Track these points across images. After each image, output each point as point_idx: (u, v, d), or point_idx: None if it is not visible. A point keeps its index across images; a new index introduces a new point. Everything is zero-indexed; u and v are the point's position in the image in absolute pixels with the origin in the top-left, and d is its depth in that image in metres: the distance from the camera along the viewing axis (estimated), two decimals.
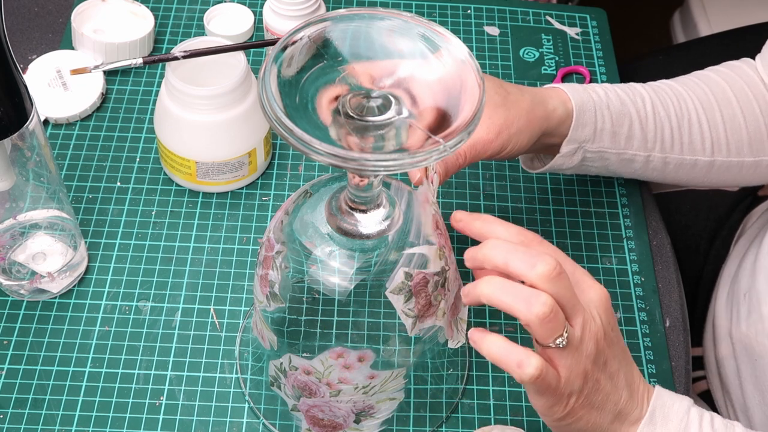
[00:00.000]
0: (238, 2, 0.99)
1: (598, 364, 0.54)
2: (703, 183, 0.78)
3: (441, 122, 0.51)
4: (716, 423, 0.57)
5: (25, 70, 0.90)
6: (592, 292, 0.55)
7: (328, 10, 0.96)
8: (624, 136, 0.72)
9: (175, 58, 0.78)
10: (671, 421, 0.56)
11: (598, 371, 0.54)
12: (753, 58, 0.81)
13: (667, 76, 0.79)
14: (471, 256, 0.54)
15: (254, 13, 0.97)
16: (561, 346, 0.51)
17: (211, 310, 0.76)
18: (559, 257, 0.54)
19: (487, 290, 0.52)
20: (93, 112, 0.89)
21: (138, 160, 0.86)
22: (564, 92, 0.71)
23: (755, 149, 0.76)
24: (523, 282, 0.52)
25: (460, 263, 0.62)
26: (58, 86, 0.88)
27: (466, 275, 0.70)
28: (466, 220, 0.56)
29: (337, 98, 0.51)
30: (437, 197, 0.61)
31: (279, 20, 0.91)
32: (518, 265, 0.51)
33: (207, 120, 0.77)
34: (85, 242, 0.79)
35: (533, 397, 0.54)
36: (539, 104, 0.69)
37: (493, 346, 0.52)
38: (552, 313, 0.50)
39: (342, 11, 0.54)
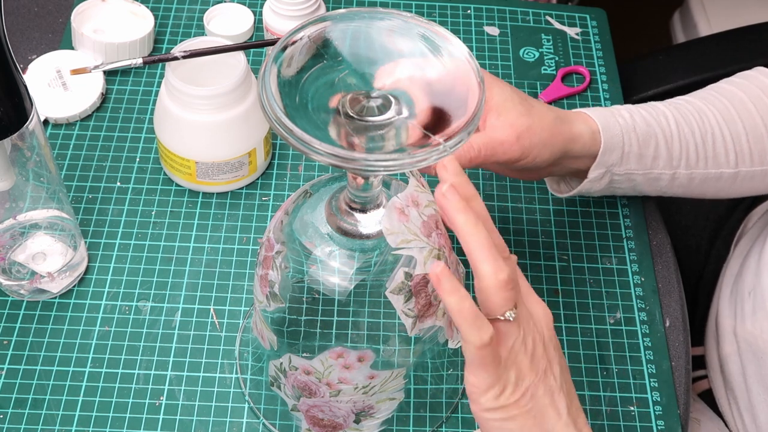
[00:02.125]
0: (238, 2, 0.99)
1: (534, 367, 0.54)
2: (728, 194, 0.79)
3: (441, 122, 0.51)
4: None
5: (25, 70, 0.90)
6: (538, 308, 0.56)
7: (328, 10, 0.96)
8: (651, 156, 0.73)
9: (175, 58, 0.78)
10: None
11: (534, 375, 0.54)
12: (753, 58, 0.81)
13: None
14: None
15: (254, 13, 0.97)
16: (511, 318, 0.52)
17: (211, 310, 0.76)
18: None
19: (464, 234, 0.52)
20: (93, 112, 0.89)
21: (138, 160, 0.86)
22: (590, 117, 0.72)
23: None
24: None
25: (463, 263, 0.62)
26: (58, 86, 0.88)
27: (468, 275, 0.70)
28: (450, 204, 0.53)
29: (337, 98, 0.51)
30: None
31: (279, 20, 0.91)
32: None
33: (207, 120, 0.77)
34: (85, 242, 0.79)
35: (472, 371, 0.53)
36: (564, 124, 0.70)
37: (459, 302, 0.51)
38: (511, 282, 0.51)
39: (342, 11, 0.54)
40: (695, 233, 0.98)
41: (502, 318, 0.52)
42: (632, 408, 0.73)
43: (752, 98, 0.76)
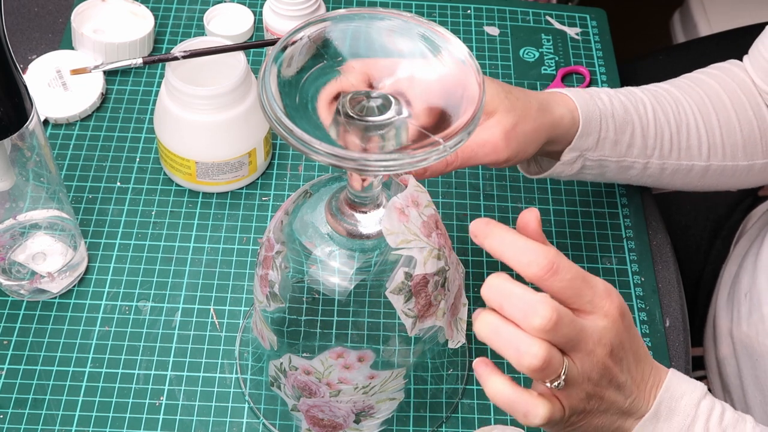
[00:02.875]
0: (238, 2, 0.99)
1: (601, 385, 0.52)
2: (696, 187, 0.78)
3: (441, 122, 0.51)
4: (726, 418, 0.55)
5: (25, 70, 0.90)
6: (602, 320, 0.51)
7: (328, 10, 0.96)
8: (626, 144, 0.72)
9: (175, 58, 0.78)
10: (677, 414, 0.54)
11: (602, 389, 0.53)
12: None
13: (667, 76, 0.79)
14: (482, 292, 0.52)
15: (254, 13, 0.97)
16: (559, 387, 0.50)
17: (211, 310, 0.76)
18: (573, 274, 0.50)
19: (480, 331, 0.50)
20: (93, 112, 0.89)
21: (138, 160, 0.86)
22: (570, 99, 0.70)
23: (749, 152, 0.76)
24: None
25: (462, 263, 0.62)
26: (58, 86, 0.88)
27: (468, 275, 0.70)
28: (480, 236, 0.52)
29: (337, 98, 0.51)
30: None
31: (279, 20, 0.91)
32: (513, 313, 0.49)
33: (207, 120, 0.77)
34: (85, 242, 0.79)
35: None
36: (547, 111, 0.68)
37: (497, 393, 0.50)
38: (543, 365, 0.48)
39: (342, 11, 0.54)
40: (695, 233, 0.98)
41: (549, 386, 0.50)
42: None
43: (728, 92, 0.76)
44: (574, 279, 0.50)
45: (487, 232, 0.51)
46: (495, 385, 0.50)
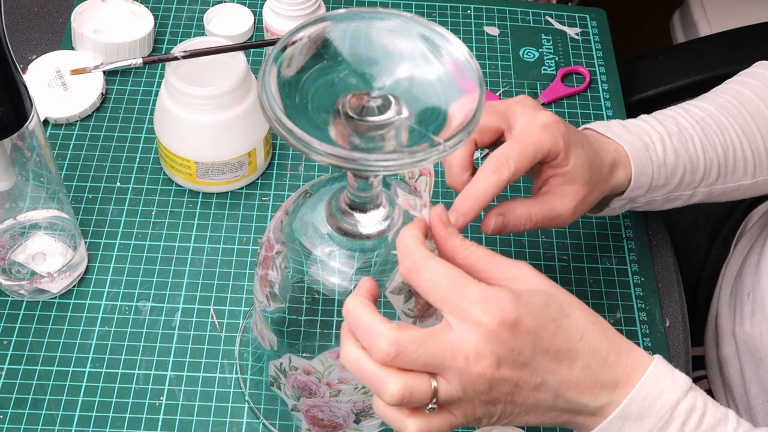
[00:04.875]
0: (238, 2, 0.99)
1: (501, 393, 0.50)
2: (739, 198, 0.79)
3: (441, 122, 0.51)
4: (706, 420, 0.52)
5: (25, 70, 0.90)
6: (470, 331, 0.49)
7: (328, 10, 0.96)
8: (674, 185, 0.73)
9: (175, 58, 0.78)
10: (649, 415, 0.52)
11: (505, 396, 0.50)
12: (753, 58, 0.81)
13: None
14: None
15: (254, 13, 0.97)
16: (432, 411, 0.49)
17: (211, 310, 0.76)
18: (438, 276, 0.49)
19: (344, 362, 0.50)
20: (93, 112, 0.89)
21: (138, 160, 0.86)
22: (628, 159, 0.70)
23: None
24: None
25: None
26: (58, 86, 0.88)
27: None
28: (436, 231, 0.53)
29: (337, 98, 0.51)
30: (431, 197, 0.61)
31: (279, 20, 0.91)
32: (363, 343, 0.49)
33: (207, 120, 0.77)
34: (85, 242, 0.79)
35: None
36: (609, 180, 0.69)
37: (376, 408, 0.51)
38: (403, 397, 0.47)
39: (342, 11, 0.54)
40: (695, 233, 0.98)
41: (427, 412, 0.49)
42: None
43: (766, 102, 0.76)
44: (437, 281, 0.49)
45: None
46: (374, 402, 0.51)
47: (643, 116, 0.75)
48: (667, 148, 0.72)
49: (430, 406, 0.49)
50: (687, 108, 0.76)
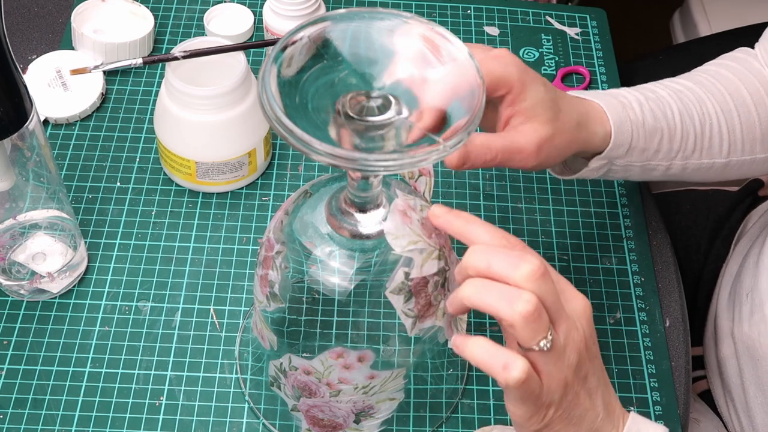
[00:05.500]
0: (238, 2, 0.99)
1: (578, 376, 0.52)
2: (714, 180, 0.78)
3: (441, 122, 0.51)
4: None
5: (25, 70, 0.90)
6: (576, 302, 0.53)
7: (328, 10, 0.96)
8: (653, 150, 0.72)
9: (175, 58, 0.78)
10: None
11: (578, 384, 0.53)
12: None
13: (667, 76, 0.79)
14: (457, 270, 0.53)
15: (254, 13, 0.97)
16: (546, 348, 0.50)
17: (211, 310, 0.76)
18: (558, 277, 0.53)
19: (468, 292, 0.50)
20: (93, 112, 0.89)
21: (138, 160, 0.86)
22: (605, 115, 0.70)
23: (766, 145, 0.76)
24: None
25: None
26: (58, 86, 0.88)
27: None
28: (444, 218, 0.54)
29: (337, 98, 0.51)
30: (431, 197, 0.61)
31: (279, 20, 0.91)
32: (501, 266, 0.50)
33: (207, 120, 0.77)
34: (85, 242, 0.79)
35: (514, 404, 0.53)
36: (584, 127, 0.68)
37: (477, 348, 0.51)
38: (536, 312, 0.49)
39: (342, 11, 0.54)
40: (695, 233, 0.98)
41: (536, 348, 0.50)
42: (632, 408, 0.73)
43: (747, 86, 0.76)
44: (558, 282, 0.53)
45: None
46: (476, 343, 0.51)
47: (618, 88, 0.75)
48: (645, 110, 0.71)
49: (545, 341, 0.50)
50: (664, 82, 0.76)
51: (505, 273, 0.50)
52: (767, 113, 0.75)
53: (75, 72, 0.85)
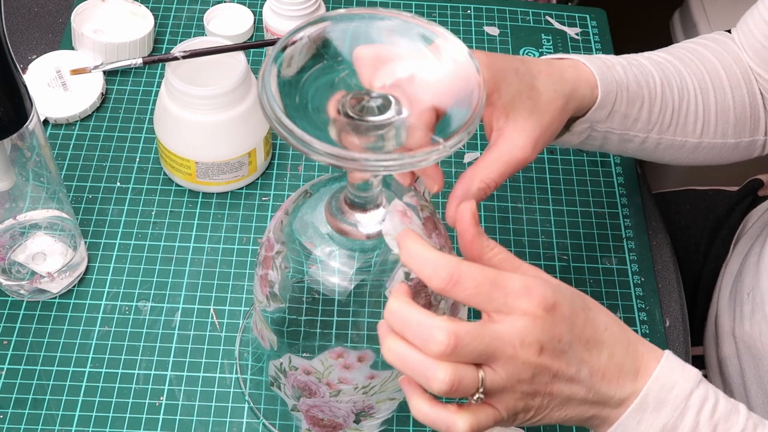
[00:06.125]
0: (238, 2, 0.99)
1: (541, 383, 0.51)
2: (683, 162, 0.77)
3: (441, 122, 0.51)
4: (719, 410, 0.54)
5: (25, 70, 0.90)
6: (519, 321, 0.50)
7: (328, 10, 0.96)
8: (633, 118, 0.71)
9: (175, 58, 0.78)
10: (666, 406, 0.53)
11: (545, 387, 0.51)
12: None
13: None
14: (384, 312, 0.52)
15: (254, 13, 0.97)
16: (480, 400, 0.50)
17: (211, 310, 0.76)
18: (479, 281, 0.49)
19: (386, 356, 0.50)
20: (93, 112, 0.89)
21: (138, 160, 0.86)
22: (592, 74, 0.68)
23: (738, 130, 0.76)
24: None
25: None
26: (58, 86, 0.88)
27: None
28: (462, 224, 0.52)
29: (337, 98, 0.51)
30: (432, 197, 0.61)
31: (279, 20, 0.91)
32: (413, 340, 0.49)
33: (207, 120, 0.77)
34: (85, 242, 0.79)
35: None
36: (572, 99, 0.65)
37: (418, 413, 0.51)
38: (452, 386, 0.48)
39: (342, 11, 0.54)
40: (695, 233, 0.98)
41: (474, 402, 0.50)
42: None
43: (725, 68, 0.75)
44: (480, 285, 0.49)
45: (400, 244, 0.51)
46: (415, 406, 0.51)
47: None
48: (629, 75, 0.70)
49: (476, 396, 0.49)
50: (645, 54, 0.75)
51: (417, 346, 0.49)
52: (741, 100, 0.75)
53: (75, 72, 0.85)
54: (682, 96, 0.73)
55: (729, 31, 0.79)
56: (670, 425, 0.53)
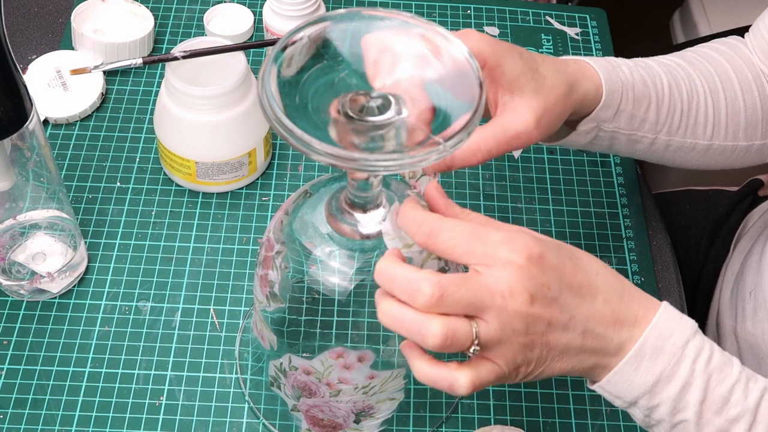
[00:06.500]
0: (238, 2, 0.99)
1: (536, 332, 0.51)
2: (695, 165, 0.77)
3: (441, 122, 0.51)
4: (714, 360, 0.54)
5: (25, 70, 0.90)
6: (508, 267, 0.50)
7: (328, 10, 0.96)
8: (640, 118, 0.71)
9: (175, 58, 0.78)
10: (662, 354, 0.53)
11: (540, 336, 0.51)
12: None
13: None
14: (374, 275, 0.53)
15: (254, 13, 0.97)
16: (476, 352, 0.50)
17: (211, 310, 0.76)
18: (458, 233, 0.50)
19: (381, 319, 0.51)
20: (93, 112, 0.89)
21: (138, 160, 0.86)
22: (596, 72, 0.68)
23: (749, 133, 0.76)
24: None
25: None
26: (58, 86, 0.88)
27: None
28: (434, 199, 0.54)
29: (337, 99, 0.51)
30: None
31: (279, 20, 0.91)
32: (401, 295, 0.50)
33: (207, 120, 0.77)
34: (85, 242, 0.79)
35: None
36: (574, 89, 0.66)
37: (419, 374, 0.52)
38: (446, 339, 0.49)
39: (342, 11, 0.54)
40: (695, 233, 0.98)
41: (470, 355, 0.50)
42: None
43: (736, 71, 0.75)
44: (458, 238, 0.50)
45: (401, 210, 0.53)
46: (416, 367, 0.52)
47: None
48: (635, 75, 0.70)
49: (473, 348, 0.50)
50: (654, 57, 0.75)
51: (405, 301, 0.50)
52: (753, 103, 0.75)
53: (75, 72, 0.85)
54: (691, 97, 0.73)
55: (743, 36, 0.79)
56: (667, 373, 0.53)
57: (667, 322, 0.54)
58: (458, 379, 0.50)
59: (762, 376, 0.76)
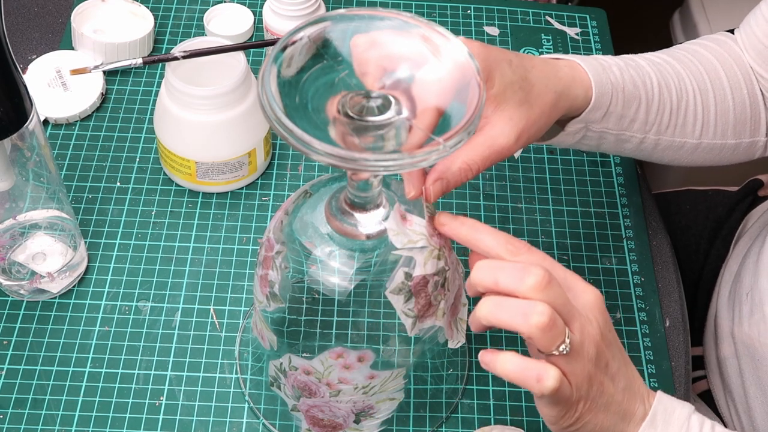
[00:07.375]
0: (238, 2, 0.99)
1: (600, 367, 0.54)
2: (683, 163, 0.77)
3: (441, 122, 0.51)
4: (717, 429, 0.58)
5: (25, 70, 0.90)
6: (585, 296, 0.55)
7: (328, 10, 0.96)
8: (629, 119, 0.71)
9: (175, 58, 0.78)
10: (672, 425, 0.57)
11: (600, 374, 0.54)
12: None
13: None
14: (467, 285, 0.55)
15: (254, 13, 0.97)
16: (565, 352, 0.51)
17: (211, 310, 0.76)
18: (547, 264, 0.54)
19: (483, 311, 0.52)
20: (93, 112, 0.89)
21: (138, 160, 0.86)
22: (586, 75, 0.68)
23: (738, 131, 0.76)
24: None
25: (462, 263, 0.62)
26: (58, 86, 0.88)
27: (468, 275, 0.70)
28: (450, 225, 0.56)
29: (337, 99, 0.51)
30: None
31: (279, 20, 0.91)
32: (508, 281, 0.52)
33: (207, 120, 0.77)
34: (85, 242, 0.79)
35: (546, 407, 0.54)
36: (564, 97, 0.65)
37: (508, 364, 0.52)
38: (551, 321, 0.50)
39: (342, 11, 0.54)
40: (695, 233, 0.98)
41: (557, 353, 0.52)
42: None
43: (725, 69, 0.75)
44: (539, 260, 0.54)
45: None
46: (506, 359, 0.52)
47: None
48: (625, 76, 0.70)
49: (563, 346, 0.51)
50: (644, 55, 0.75)
51: (512, 287, 0.51)
52: (742, 101, 0.75)
53: (75, 72, 0.85)
54: (680, 97, 0.73)
55: (732, 32, 0.79)
56: None
57: (668, 401, 0.58)
58: (548, 370, 0.51)
59: (758, 376, 0.76)
